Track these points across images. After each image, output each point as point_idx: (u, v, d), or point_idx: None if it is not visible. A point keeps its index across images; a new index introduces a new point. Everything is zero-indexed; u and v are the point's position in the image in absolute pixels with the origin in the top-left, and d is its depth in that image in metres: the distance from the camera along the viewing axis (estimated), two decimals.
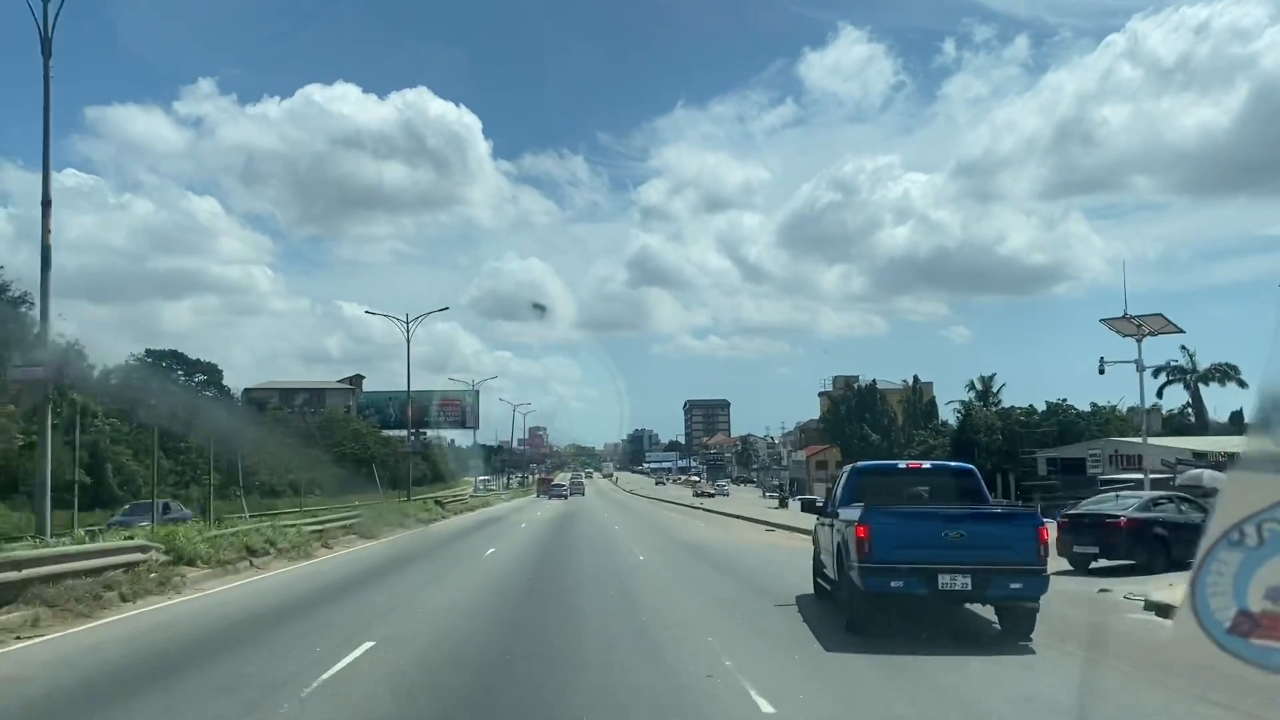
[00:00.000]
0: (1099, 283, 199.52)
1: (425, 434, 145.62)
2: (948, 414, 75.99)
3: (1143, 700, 7.32)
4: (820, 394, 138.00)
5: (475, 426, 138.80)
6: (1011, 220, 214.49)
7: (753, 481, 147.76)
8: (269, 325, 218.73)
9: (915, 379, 79.04)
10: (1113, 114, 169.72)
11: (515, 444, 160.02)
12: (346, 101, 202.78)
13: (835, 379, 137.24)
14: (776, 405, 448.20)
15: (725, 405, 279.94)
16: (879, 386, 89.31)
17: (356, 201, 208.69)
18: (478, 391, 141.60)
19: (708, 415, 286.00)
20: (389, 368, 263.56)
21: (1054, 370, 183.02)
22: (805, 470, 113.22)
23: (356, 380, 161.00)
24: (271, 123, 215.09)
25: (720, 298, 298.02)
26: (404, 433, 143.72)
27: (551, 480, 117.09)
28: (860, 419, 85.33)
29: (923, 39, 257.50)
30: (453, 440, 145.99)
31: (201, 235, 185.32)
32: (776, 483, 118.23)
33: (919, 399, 78.39)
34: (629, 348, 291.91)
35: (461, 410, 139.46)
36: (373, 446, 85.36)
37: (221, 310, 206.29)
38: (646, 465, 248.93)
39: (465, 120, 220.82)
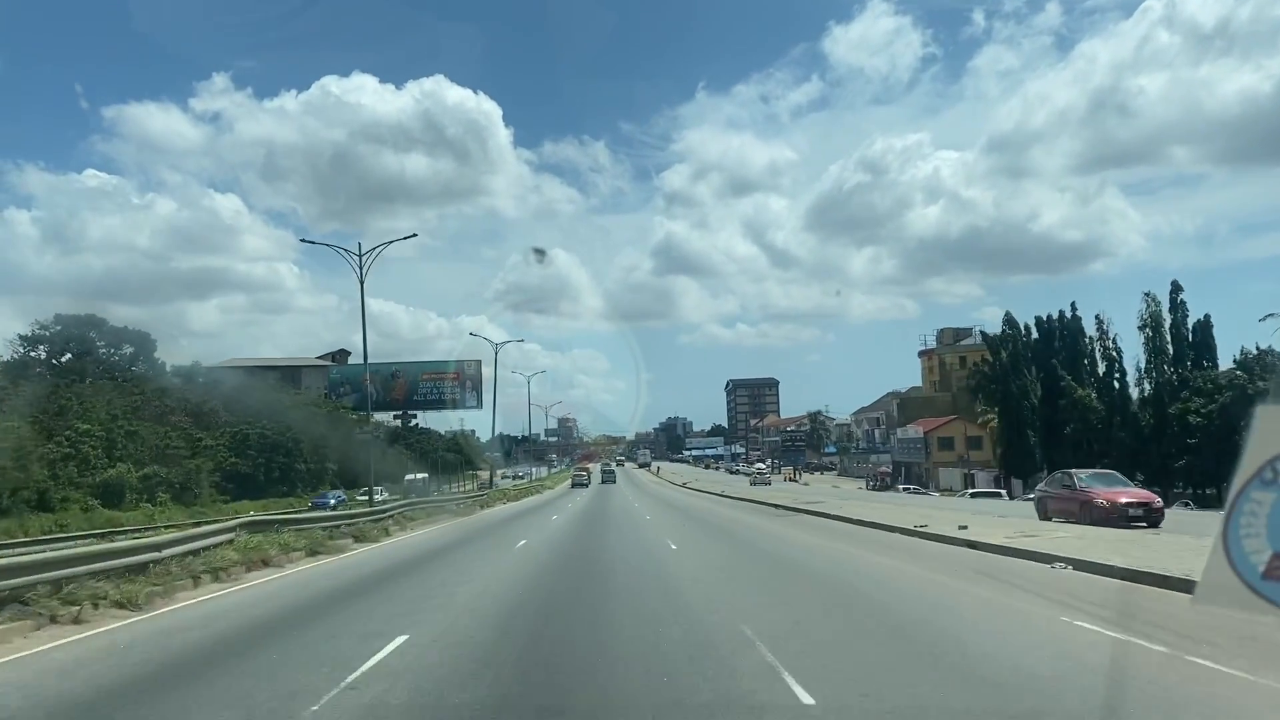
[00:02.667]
0: (1136, 259, 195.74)
1: (415, 416, 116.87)
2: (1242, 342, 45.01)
3: None
4: (921, 353, 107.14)
5: (477, 406, 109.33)
6: (1045, 197, 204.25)
7: (829, 469, 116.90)
8: (297, 322, 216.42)
9: (1174, 286, 47.30)
10: (1149, 83, 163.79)
11: (542, 433, 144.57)
12: (364, 93, 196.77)
13: (942, 331, 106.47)
14: (818, 389, 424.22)
15: (773, 384, 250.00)
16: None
17: (378, 195, 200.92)
18: (479, 360, 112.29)
19: (753, 396, 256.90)
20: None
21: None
22: (924, 451, 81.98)
23: (341, 356, 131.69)
24: (289, 116, 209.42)
25: (748, 284, 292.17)
26: (391, 415, 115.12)
27: (585, 470, 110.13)
28: (1044, 366, 54.26)
29: (951, 11, 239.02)
30: (473, 430, 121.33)
31: (225, 233, 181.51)
32: (879, 469, 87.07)
33: (1181, 319, 46.61)
34: (657, 337, 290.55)
35: (461, 384, 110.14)
36: (296, 425, 55.76)
37: (249, 309, 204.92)
38: (688, 453, 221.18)
39: (484, 107, 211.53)
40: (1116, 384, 50.74)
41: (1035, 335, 58.64)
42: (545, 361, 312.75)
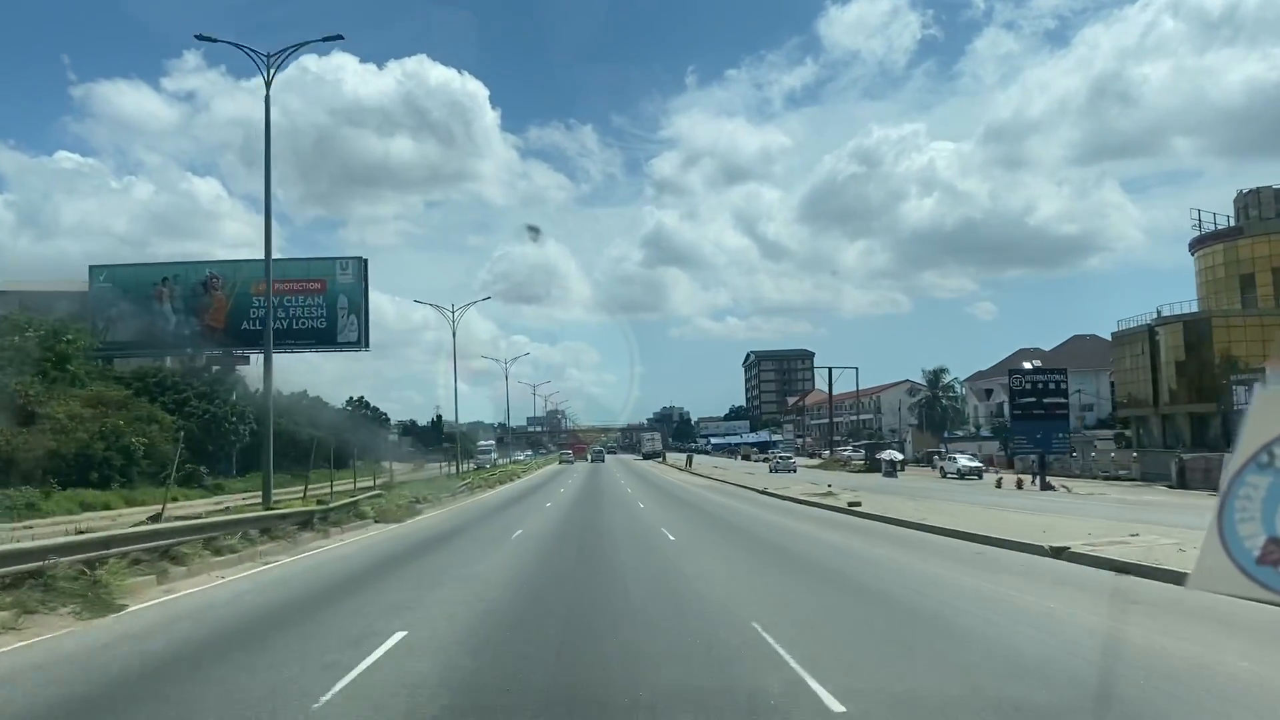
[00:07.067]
0: (1134, 254, 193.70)
1: (247, 358, 66.07)
2: None
3: None
4: (1197, 244, 57.71)
5: (358, 343, 57.91)
6: (1042, 189, 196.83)
7: (968, 459, 66.58)
8: None
9: None
10: (1152, 71, 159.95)
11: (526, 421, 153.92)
12: (345, 73, 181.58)
13: (1245, 196, 56.90)
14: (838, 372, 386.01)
15: (807, 356, 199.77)
16: None
17: (361, 179, 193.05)
18: (363, 260, 60.67)
19: (781, 370, 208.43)
20: (406, 354, 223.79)
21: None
22: None
23: None
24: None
25: (738, 277, 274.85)
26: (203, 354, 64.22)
27: (583, 449, 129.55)
28: None
29: None
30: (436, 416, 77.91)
31: (205, 218, 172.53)
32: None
33: None
34: (648, 330, 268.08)
35: (327, 307, 59.05)
36: None
37: None
38: (706, 441, 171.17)
39: (470, 88, 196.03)
40: None
41: None
42: (534, 353, 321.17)
